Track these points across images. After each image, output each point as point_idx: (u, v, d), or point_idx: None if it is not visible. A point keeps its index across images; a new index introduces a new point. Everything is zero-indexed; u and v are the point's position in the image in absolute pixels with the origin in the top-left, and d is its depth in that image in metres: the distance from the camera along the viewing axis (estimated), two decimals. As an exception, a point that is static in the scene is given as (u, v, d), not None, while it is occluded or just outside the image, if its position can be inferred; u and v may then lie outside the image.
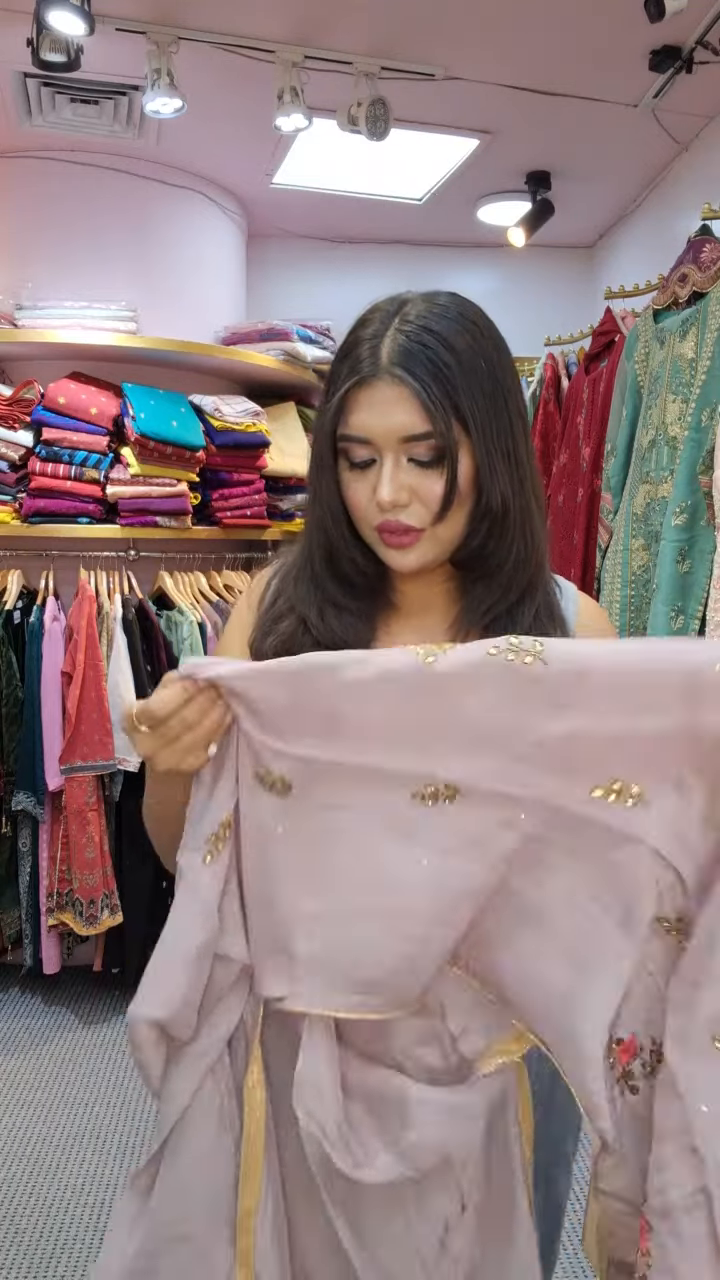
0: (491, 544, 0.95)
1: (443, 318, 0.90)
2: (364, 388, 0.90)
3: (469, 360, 0.90)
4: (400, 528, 0.92)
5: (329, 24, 2.60)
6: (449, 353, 0.89)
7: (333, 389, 0.93)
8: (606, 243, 4.21)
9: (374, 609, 1.01)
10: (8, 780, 2.98)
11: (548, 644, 0.77)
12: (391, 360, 0.89)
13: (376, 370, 0.89)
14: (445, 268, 4.21)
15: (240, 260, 3.92)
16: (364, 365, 0.90)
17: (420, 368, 0.88)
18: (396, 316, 0.91)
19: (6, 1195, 2.25)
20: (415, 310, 0.91)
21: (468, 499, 0.93)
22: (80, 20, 2.31)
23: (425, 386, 0.88)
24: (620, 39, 2.62)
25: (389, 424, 0.89)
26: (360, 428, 0.91)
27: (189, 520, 3.15)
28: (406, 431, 0.89)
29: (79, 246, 3.38)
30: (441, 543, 0.94)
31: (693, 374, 2.18)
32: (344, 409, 0.92)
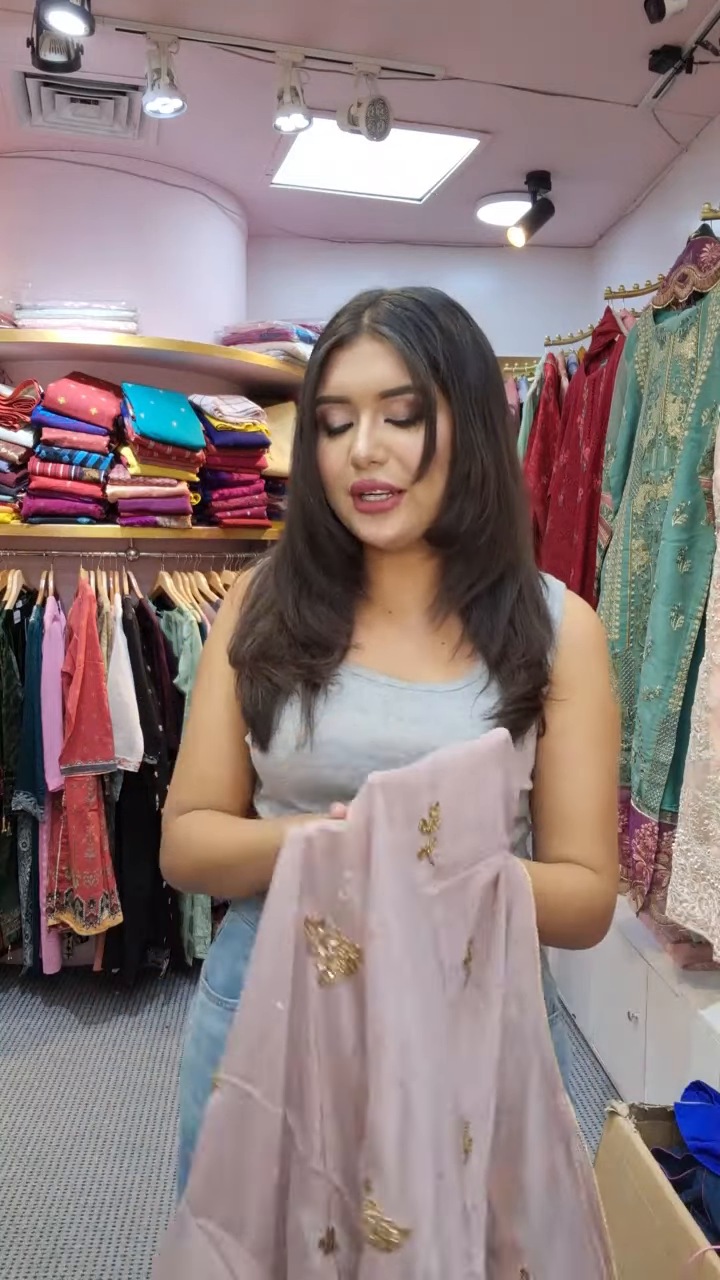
0: (470, 514, 0.93)
1: (426, 296, 0.93)
2: (343, 348, 0.91)
3: (450, 330, 0.91)
4: (378, 485, 0.91)
5: (329, 24, 2.60)
6: (430, 318, 0.91)
7: (313, 354, 0.94)
8: (606, 243, 4.21)
9: (351, 601, 1.00)
10: (8, 780, 2.98)
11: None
12: (373, 320, 0.90)
13: (357, 329, 0.91)
14: (445, 268, 4.21)
15: (240, 260, 3.93)
16: (342, 328, 0.91)
17: (400, 325, 0.89)
18: (380, 296, 0.93)
19: (6, 1195, 2.25)
20: (397, 290, 0.93)
21: (445, 463, 0.92)
22: (80, 20, 2.31)
23: (406, 340, 0.89)
24: (620, 39, 2.62)
25: (367, 378, 0.90)
26: (337, 387, 0.91)
27: (189, 520, 3.16)
28: (385, 385, 0.89)
29: (79, 246, 3.38)
30: (421, 508, 0.93)
31: (693, 374, 2.18)
32: (323, 372, 0.92)
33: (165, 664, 3.08)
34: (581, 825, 0.96)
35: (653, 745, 2.15)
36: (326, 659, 0.96)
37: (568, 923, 0.92)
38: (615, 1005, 2.54)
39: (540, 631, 0.97)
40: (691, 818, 1.94)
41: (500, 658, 0.95)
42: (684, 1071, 2.03)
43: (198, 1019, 1.07)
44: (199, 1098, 1.02)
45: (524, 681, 0.94)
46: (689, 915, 1.97)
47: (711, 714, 1.95)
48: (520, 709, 0.94)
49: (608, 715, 1.00)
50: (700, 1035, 2.05)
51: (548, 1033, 0.83)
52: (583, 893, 0.94)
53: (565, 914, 0.91)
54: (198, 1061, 1.05)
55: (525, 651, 0.95)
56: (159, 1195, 2.25)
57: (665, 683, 2.14)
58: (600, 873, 0.96)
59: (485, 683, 0.95)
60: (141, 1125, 2.51)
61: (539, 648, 0.96)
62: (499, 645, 0.95)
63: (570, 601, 1.02)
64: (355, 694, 0.95)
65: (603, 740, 0.98)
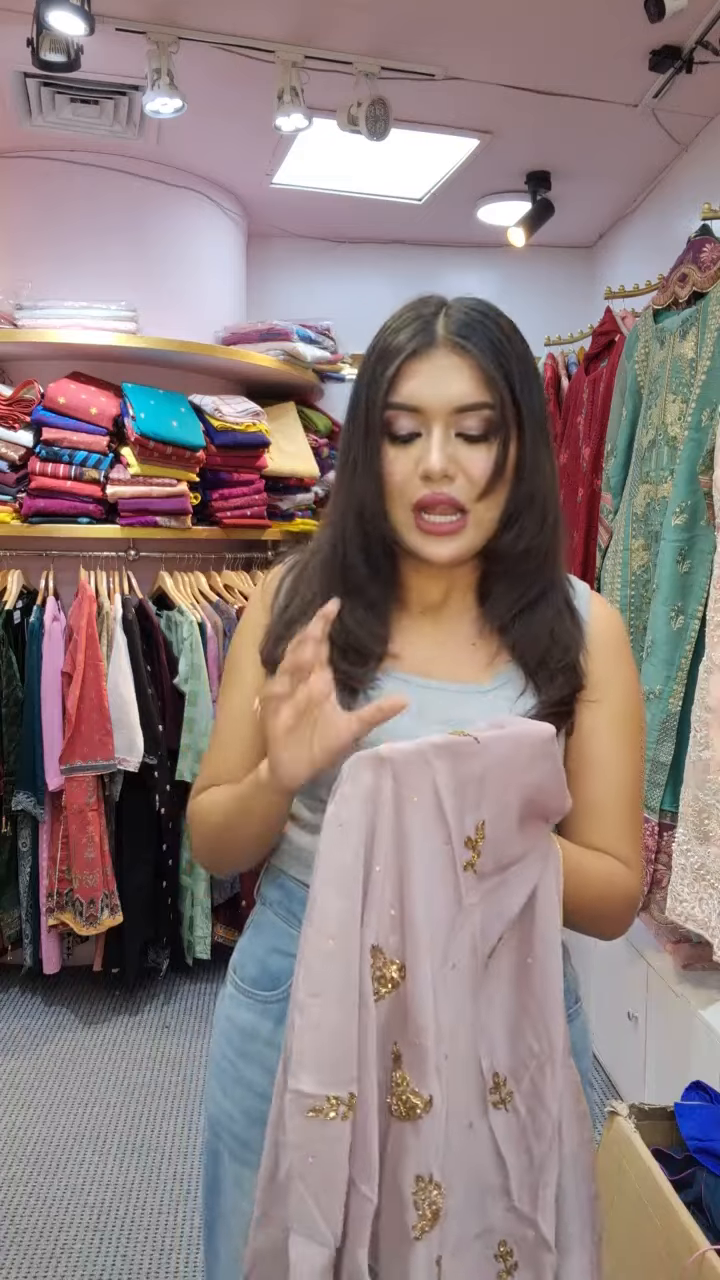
0: (529, 534, 0.94)
1: (494, 311, 0.93)
2: (419, 359, 0.90)
3: (520, 348, 0.92)
4: (445, 500, 0.90)
5: (329, 24, 2.60)
6: (504, 335, 0.91)
7: (381, 362, 0.92)
8: (606, 243, 4.21)
9: (388, 605, 0.99)
10: (8, 780, 2.98)
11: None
12: (450, 330, 0.90)
13: (434, 340, 0.90)
14: (445, 268, 4.21)
15: (240, 260, 3.92)
16: (419, 338, 0.90)
17: (480, 338, 0.89)
18: (444, 303, 0.93)
19: (6, 1195, 2.25)
20: (460, 299, 0.93)
21: (509, 482, 0.92)
22: (80, 20, 2.31)
23: (485, 356, 0.89)
24: (620, 39, 2.62)
25: (445, 392, 0.89)
26: (411, 397, 0.90)
27: (189, 520, 3.16)
28: (463, 400, 0.89)
29: (79, 246, 3.38)
30: (482, 527, 0.93)
31: (693, 374, 2.18)
32: (396, 380, 0.90)
33: (165, 664, 3.08)
34: (609, 819, 0.98)
35: (653, 745, 2.15)
36: (364, 666, 0.95)
37: (586, 901, 0.92)
38: (615, 1005, 2.54)
39: (576, 636, 0.98)
40: (691, 818, 1.94)
41: (539, 665, 0.96)
42: (684, 1071, 2.03)
43: (227, 1013, 1.06)
44: (228, 1091, 1.03)
45: (562, 685, 0.95)
46: (689, 915, 1.97)
47: (711, 714, 1.95)
48: (557, 712, 0.94)
49: (636, 714, 1.02)
50: (700, 1035, 2.05)
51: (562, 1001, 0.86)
52: (605, 876, 0.95)
53: (585, 892, 0.92)
54: (227, 1054, 1.05)
55: (562, 657, 0.96)
56: (159, 1195, 2.25)
57: (665, 683, 2.14)
58: (626, 864, 0.98)
59: (523, 685, 0.96)
60: (141, 1125, 2.51)
61: (575, 652, 0.97)
62: (538, 654, 0.96)
63: (596, 605, 1.03)
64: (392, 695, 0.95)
65: (632, 739, 1.00)
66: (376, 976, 0.77)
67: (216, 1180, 1.05)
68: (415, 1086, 0.77)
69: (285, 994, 0.98)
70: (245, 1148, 1.00)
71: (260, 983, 1.02)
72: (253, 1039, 1.02)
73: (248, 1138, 1.00)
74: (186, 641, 3.07)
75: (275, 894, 1.04)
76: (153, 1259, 2.05)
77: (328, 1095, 0.75)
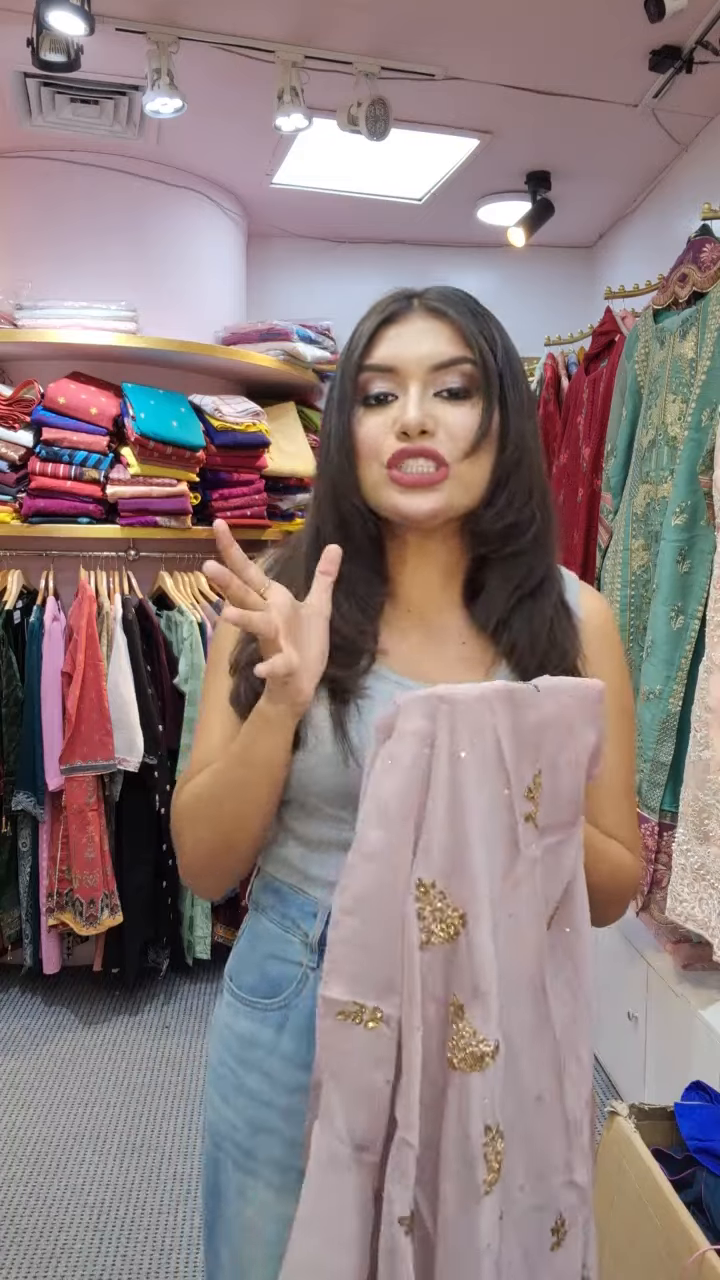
0: (515, 507, 0.90)
1: (468, 294, 0.93)
2: (395, 323, 0.89)
3: (495, 321, 0.92)
4: (425, 451, 0.86)
5: (329, 24, 2.60)
6: (479, 306, 0.91)
7: (357, 331, 0.91)
8: (606, 243, 4.21)
9: (375, 600, 0.95)
10: (8, 780, 2.98)
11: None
12: (426, 299, 0.89)
13: (409, 307, 0.89)
14: (445, 268, 4.21)
15: (240, 260, 3.92)
16: (394, 306, 0.90)
17: (458, 305, 0.89)
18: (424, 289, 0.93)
19: (6, 1195, 2.25)
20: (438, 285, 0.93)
21: (494, 447, 0.89)
22: (80, 20, 2.31)
23: (463, 317, 0.88)
24: (620, 39, 2.62)
25: (420, 350, 0.87)
26: (386, 357, 0.88)
27: (189, 520, 3.16)
28: (439, 358, 0.87)
29: (79, 246, 3.38)
30: (465, 489, 0.88)
31: (693, 374, 2.18)
32: (371, 344, 0.89)
33: (165, 664, 3.08)
34: (609, 804, 0.97)
35: (653, 745, 2.15)
36: (352, 669, 0.91)
37: (600, 878, 0.91)
38: (615, 1005, 2.54)
39: (573, 638, 0.95)
40: (691, 818, 1.95)
41: (537, 670, 0.92)
42: (684, 1071, 2.03)
43: (225, 1020, 1.04)
44: (229, 1099, 1.01)
45: None
46: (689, 915, 1.97)
47: (711, 714, 1.95)
48: None
49: (626, 696, 1.01)
50: (700, 1035, 2.05)
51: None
52: (615, 854, 0.95)
53: (600, 868, 0.91)
54: (227, 1062, 1.02)
55: (560, 662, 0.93)
56: (159, 1195, 2.25)
57: (665, 683, 2.14)
58: (630, 849, 0.98)
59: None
60: (141, 1125, 2.51)
61: (572, 657, 0.94)
62: (537, 658, 0.92)
63: (586, 596, 1.00)
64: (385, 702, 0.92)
65: (625, 727, 1.00)
66: (430, 915, 0.75)
67: (218, 1187, 1.03)
68: (483, 1035, 0.75)
69: (286, 1001, 0.97)
70: (249, 1156, 0.98)
71: (259, 990, 1.00)
72: (253, 1047, 0.99)
73: (251, 1146, 0.98)
74: (186, 641, 3.08)
75: (269, 899, 1.01)
76: (153, 1259, 2.05)
77: (355, 1001, 0.75)
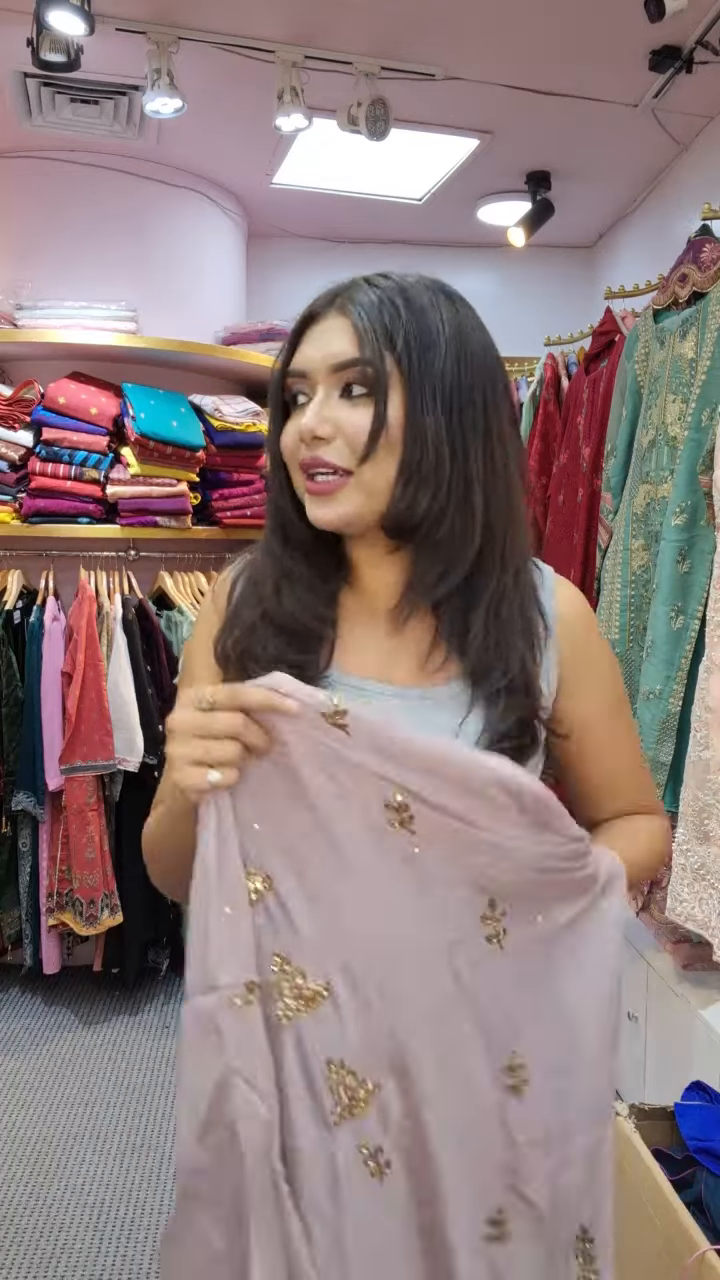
0: (423, 502, 0.88)
1: (416, 282, 0.91)
2: (312, 323, 0.91)
3: (423, 312, 0.88)
4: (322, 463, 0.87)
5: (329, 24, 2.60)
6: (400, 296, 0.89)
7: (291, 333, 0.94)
8: (606, 243, 4.21)
9: (331, 587, 0.96)
10: (8, 780, 2.98)
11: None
12: (344, 298, 0.90)
13: (329, 307, 0.90)
14: (445, 268, 4.18)
15: (240, 260, 3.93)
16: (315, 305, 0.92)
17: (366, 302, 0.88)
18: (364, 277, 0.93)
19: (6, 1195, 2.25)
20: (393, 273, 0.92)
21: (396, 446, 0.87)
22: (80, 20, 2.31)
23: (361, 315, 0.87)
24: (620, 39, 2.62)
25: (324, 351, 0.88)
26: (299, 360, 0.90)
27: (189, 520, 3.16)
28: (338, 358, 0.87)
29: (79, 247, 3.38)
30: (368, 493, 0.88)
31: (693, 374, 2.18)
32: (293, 347, 0.92)
33: (165, 664, 3.08)
34: (626, 783, 1.03)
35: (653, 745, 2.15)
36: (311, 655, 0.92)
37: (653, 867, 1.04)
38: (615, 1005, 2.53)
39: (528, 647, 0.92)
40: (691, 818, 1.94)
41: (479, 669, 0.90)
42: (684, 1071, 2.03)
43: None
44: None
45: (506, 710, 0.89)
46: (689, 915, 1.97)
47: (711, 714, 1.95)
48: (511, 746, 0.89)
49: (618, 685, 1.03)
50: (700, 1035, 2.05)
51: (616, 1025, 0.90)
52: (658, 835, 1.04)
53: (653, 861, 1.02)
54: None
55: (504, 674, 0.90)
56: (159, 1195, 2.25)
57: (665, 683, 2.14)
58: (655, 812, 1.05)
59: (468, 698, 0.90)
60: (141, 1125, 2.51)
61: (522, 668, 0.91)
62: (475, 651, 0.90)
63: (562, 588, 0.99)
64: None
65: (621, 710, 1.03)
66: (250, 890, 0.79)
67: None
68: (311, 980, 0.79)
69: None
70: None
71: None
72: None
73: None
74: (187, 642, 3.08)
75: None
76: (152, 1259, 2.05)
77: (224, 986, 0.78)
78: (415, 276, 0.92)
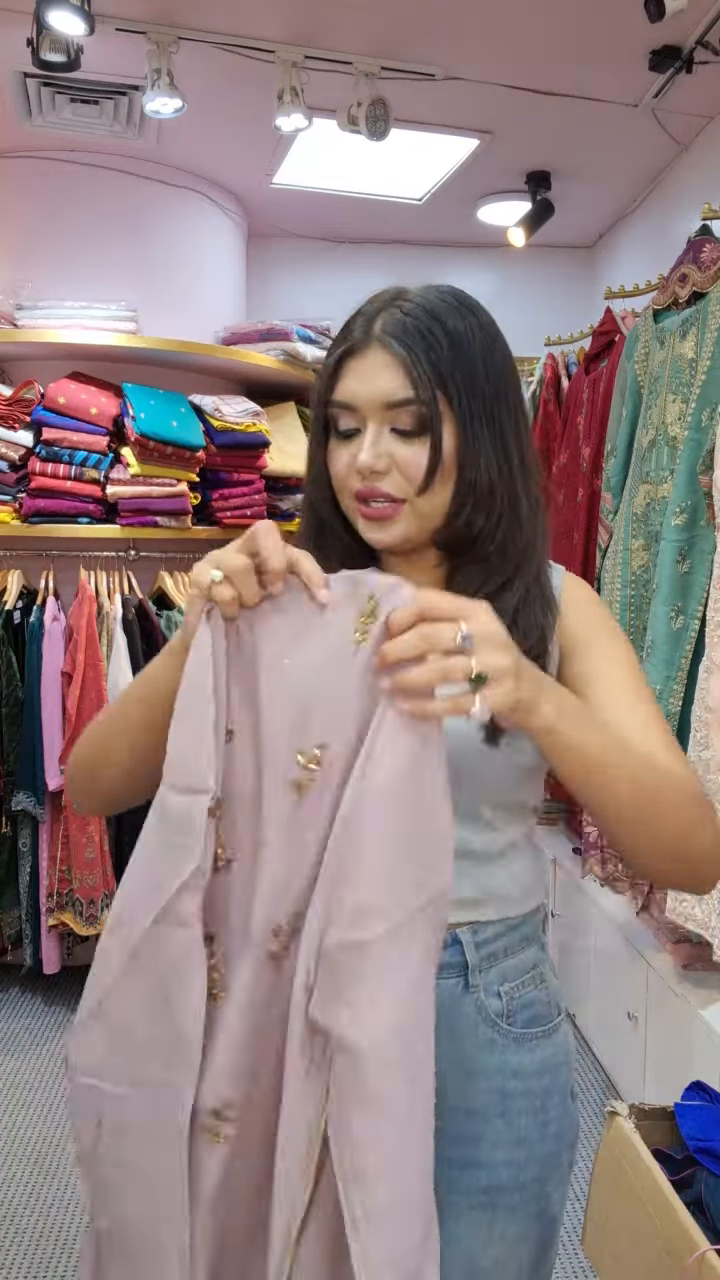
0: (477, 523, 0.94)
1: (439, 301, 0.92)
2: (354, 356, 0.92)
3: (460, 338, 0.91)
4: (379, 494, 0.92)
5: (329, 24, 2.60)
6: (439, 327, 0.90)
7: (327, 359, 0.95)
8: (606, 243, 4.21)
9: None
10: (8, 780, 2.98)
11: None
12: (383, 330, 0.91)
13: (368, 339, 0.91)
14: (445, 268, 4.21)
15: (240, 260, 3.93)
16: (355, 335, 0.92)
17: (409, 337, 0.90)
18: (396, 298, 0.93)
19: (6, 1195, 2.25)
20: (414, 293, 0.94)
21: (450, 473, 0.92)
22: (80, 20, 2.31)
23: (411, 353, 0.89)
24: (620, 39, 2.62)
25: (373, 390, 0.90)
26: (346, 394, 0.92)
27: (189, 520, 3.16)
28: (390, 397, 0.90)
29: (79, 246, 3.38)
30: (422, 518, 0.93)
31: (693, 374, 2.18)
32: (335, 377, 0.93)
33: (165, 664, 3.08)
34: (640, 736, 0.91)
35: (653, 745, 2.15)
36: None
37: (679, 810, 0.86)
38: (615, 1005, 2.54)
39: (544, 625, 0.96)
40: (691, 818, 1.94)
41: None
42: (684, 1071, 2.03)
43: None
44: None
45: None
46: (689, 915, 1.97)
47: (711, 714, 1.96)
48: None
49: (626, 645, 1.00)
50: (700, 1035, 2.05)
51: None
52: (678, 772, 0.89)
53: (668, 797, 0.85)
54: None
55: (522, 642, 0.92)
56: (159, 1195, 2.25)
57: (665, 683, 2.14)
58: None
59: None
60: (141, 1125, 2.51)
61: (539, 635, 0.95)
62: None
63: (568, 580, 1.03)
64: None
65: (636, 679, 0.96)
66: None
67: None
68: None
69: None
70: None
71: None
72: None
73: None
74: (186, 641, 3.07)
75: None
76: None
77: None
78: (437, 293, 0.93)
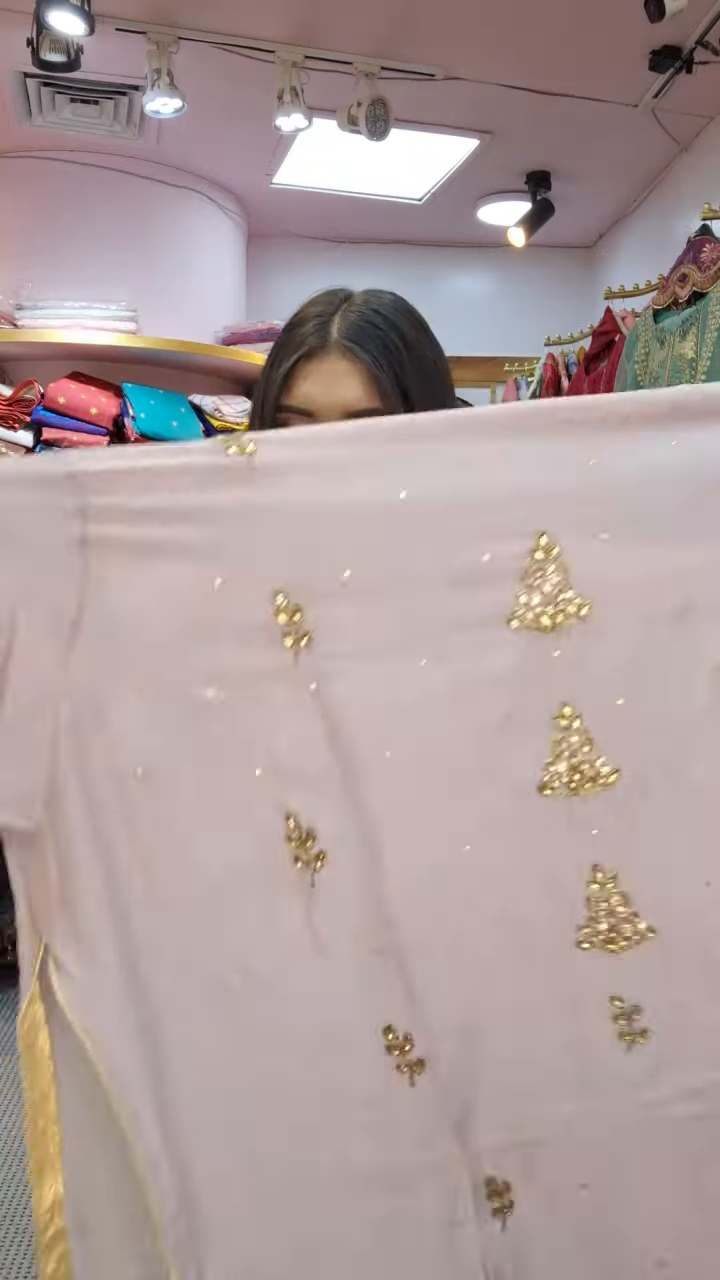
0: None
1: (390, 307, 0.92)
2: (312, 360, 0.90)
3: (414, 345, 0.91)
4: None
5: (329, 24, 2.60)
6: (396, 335, 0.90)
7: (276, 362, 0.92)
8: (606, 243, 4.21)
9: None
10: (8, 780, 2.97)
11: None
12: (342, 334, 0.89)
13: (326, 344, 0.89)
14: (445, 268, 4.21)
15: (240, 260, 3.92)
16: (311, 339, 0.90)
17: (371, 344, 0.89)
18: (344, 301, 0.92)
19: (6, 1195, 2.25)
20: (361, 297, 0.92)
21: None
22: (80, 20, 2.31)
23: (376, 362, 0.88)
24: (620, 39, 2.62)
25: (335, 398, 0.88)
26: (304, 399, 0.90)
27: (189, 520, 3.15)
28: (353, 406, 0.88)
29: (79, 246, 3.38)
30: None
31: (693, 374, 2.19)
32: (289, 381, 0.91)
33: (165, 664, 3.08)
34: None
35: (653, 745, 2.15)
36: None
37: None
38: (615, 1005, 2.53)
39: None
40: (691, 818, 1.94)
41: None
42: (684, 1071, 2.02)
43: None
44: None
45: None
46: (689, 915, 1.96)
47: None
48: None
49: None
50: (700, 1035, 2.05)
51: None
52: None
53: None
54: None
55: None
56: (159, 1195, 2.25)
57: (665, 683, 2.14)
58: None
59: None
60: (141, 1125, 2.51)
61: None
62: None
63: None
64: None
65: None
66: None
67: None
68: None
69: None
70: None
71: None
72: None
73: None
74: (186, 641, 3.08)
75: None
76: (153, 1259, 2.05)
77: None
78: (382, 297, 0.93)
